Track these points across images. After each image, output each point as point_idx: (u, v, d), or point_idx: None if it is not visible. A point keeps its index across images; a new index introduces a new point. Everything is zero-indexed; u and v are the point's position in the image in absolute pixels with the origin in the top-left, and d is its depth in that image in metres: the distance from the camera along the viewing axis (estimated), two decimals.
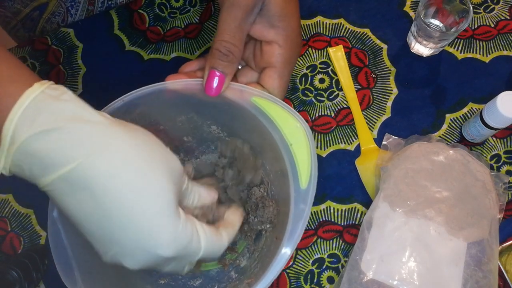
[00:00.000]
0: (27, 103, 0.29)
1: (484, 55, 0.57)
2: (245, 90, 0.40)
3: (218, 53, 0.38)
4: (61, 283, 0.37)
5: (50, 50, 0.60)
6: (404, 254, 0.47)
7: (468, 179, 0.50)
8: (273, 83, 0.41)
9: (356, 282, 0.47)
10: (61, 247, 0.37)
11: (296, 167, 0.39)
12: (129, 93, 0.39)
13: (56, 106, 0.29)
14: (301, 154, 0.39)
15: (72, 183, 0.29)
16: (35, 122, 0.29)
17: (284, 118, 0.39)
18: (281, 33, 0.40)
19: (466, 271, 0.47)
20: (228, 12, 0.38)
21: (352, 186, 0.54)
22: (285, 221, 0.38)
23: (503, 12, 0.59)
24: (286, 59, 0.41)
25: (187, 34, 0.60)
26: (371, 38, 0.59)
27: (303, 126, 0.39)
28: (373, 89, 0.57)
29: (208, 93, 0.38)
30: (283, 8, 0.39)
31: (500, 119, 0.47)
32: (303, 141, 0.39)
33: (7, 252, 0.54)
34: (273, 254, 0.38)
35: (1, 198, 0.55)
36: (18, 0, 0.55)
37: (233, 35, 0.38)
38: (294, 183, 0.39)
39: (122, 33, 0.60)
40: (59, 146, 0.29)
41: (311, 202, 0.38)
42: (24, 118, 0.29)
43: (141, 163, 0.31)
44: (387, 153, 0.54)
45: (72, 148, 0.29)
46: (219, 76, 0.38)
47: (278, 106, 0.39)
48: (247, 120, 0.41)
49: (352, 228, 0.53)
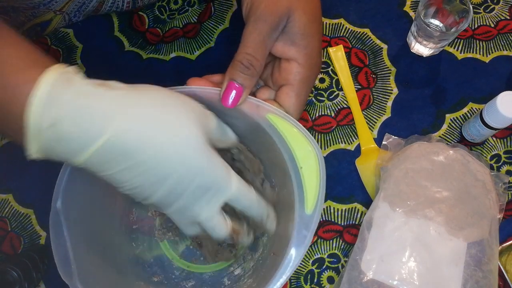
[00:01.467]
0: (47, 88, 0.29)
1: (484, 55, 0.57)
2: (262, 105, 0.39)
3: (240, 65, 0.38)
4: (61, 283, 0.37)
5: (50, 50, 0.60)
6: (404, 254, 0.47)
7: (468, 179, 0.50)
8: (290, 101, 0.40)
9: (356, 282, 0.47)
10: (61, 238, 0.38)
11: (304, 191, 0.38)
12: None
13: (75, 85, 0.30)
14: (310, 179, 0.38)
15: (108, 153, 0.30)
16: (60, 103, 0.29)
17: (297, 140, 0.39)
18: (302, 51, 0.39)
19: (466, 271, 0.47)
20: (254, 25, 0.38)
21: (352, 186, 0.54)
22: (284, 244, 0.38)
23: (503, 12, 0.59)
24: (305, 77, 0.40)
25: (186, 33, 0.60)
26: (371, 38, 0.59)
27: (315, 150, 0.38)
28: (373, 89, 0.57)
29: (224, 104, 0.38)
30: (307, 27, 0.39)
31: (500, 119, 0.47)
32: (313, 166, 0.38)
33: (7, 252, 0.54)
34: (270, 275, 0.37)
35: (1, 198, 0.55)
36: (22, 14, 0.55)
37: (257, 49, 0.38)
38: (299, 207, 0.38)
39: (122, 34, 0.60)
40: (89, 122, 0.30)
41: (314, 229, 0.37)
42: (49, 100, 0.29)
43: (166, 115, 0.33)
44: (387, 153, 0.54)
45: (102, 119, 0.30)
46: (238, 88, 0.38)
47: (292, 126, 0.39)
48: (259, 136, 0.40)
49: (352, 228, 0.53)
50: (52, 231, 0.38)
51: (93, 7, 0.57)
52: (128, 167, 0.31)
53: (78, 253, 0.38)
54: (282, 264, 0.37)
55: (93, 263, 0.40)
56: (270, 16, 0.37)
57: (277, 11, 0.37)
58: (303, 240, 0.37)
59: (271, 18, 0.37)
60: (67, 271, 0.37)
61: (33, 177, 0.56)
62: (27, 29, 0.57)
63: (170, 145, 0.32)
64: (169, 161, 0.32)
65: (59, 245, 0.38)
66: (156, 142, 0.31)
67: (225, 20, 0.60)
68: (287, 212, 0.40)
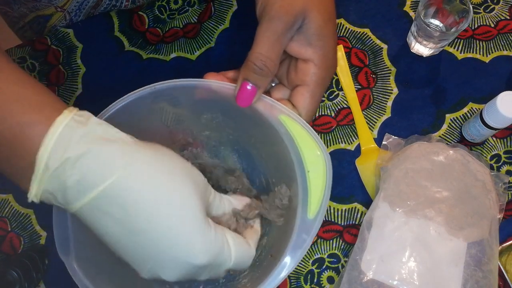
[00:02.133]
0: (60, 130, 0.29)
1: (484, 55, 0.57)
2: (275, 105, 0.39)
3: (253, 66, 0.37)
4: (61, 283, 0.37)
5: (50, 50, 0.60)
6: (404, 254, 0.47)
7: (468, 179, 0.50)
8: (304, 101, 0.40)
9: (356, 282, 0.47)
10: (62, 216, 0.37)
11: (308, 195, 0.37)
12: (161, 82, 0.39)
13: (86, 131, 0.30)
14: (316, 183, 0.38)
15: (106, 201, 0.30)
16: (68, 147, 0.29)
17: (307, 143, 0.38)
18: (318, 52, 0.39)
19: (466, 271, 0.47)
20: (267, 24, 0.37)
21: (352, 186, 0.54)
22: (282, 248, 0.38)
23: (503, 12, 0.59)
24: (320, 78, 0.40)
25: (186, 34, 0.60)
26: (371, 38, 0.59)
27: (324, 155, 0.38)
28: (373, 89, 0.57)
29: (238, 103, 0.38)
30: (323, 28, 0.38)
31: (500, 119, 0.47)
32: (321, 171, 0.38)
33: (7, 252, 0.54)
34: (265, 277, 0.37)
35: (1, 198, 0.55)
36: (24, 6, 0.55)
37: (271, 48, 0.37)
38: (302, 211, 0.37)
39: (122, 34, 0.60)
40: (92, 167, 0.29)
41: (314, 234, 0.37)
42: (57, 144, 0.29)
43: (168, 177, 0.32)
44: (387, 153, 0.54)
45: (104, 167, 0.30)
46: (251, 88, 0.37)
47: (303, 129, 0.38)
48: (269, 135, 0.40)
49: (352, 228, 0.53)
50: (55, 207, 0.37)
51: (93, 2, 0.57)
52: (119, 223, 0.31)
53: (78, 234, 0.37)
54: (277, 267, 0.37)
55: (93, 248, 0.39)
56: (285, 16, 0.36)
57: (292, 11, 0.37)
58: (302, 244, 0.37)
59: (286, 18, 0.36)
60: (65, 249, 0.37)
61: None
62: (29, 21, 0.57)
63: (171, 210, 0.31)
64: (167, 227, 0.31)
65: (60, 223, 0.37)
66: (156, 204, 0.31)
67: (225, 20, 0.60)
68: (289, 214, 0.40)
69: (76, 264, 0.37)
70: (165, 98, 0.41)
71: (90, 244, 0.39)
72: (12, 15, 0.61)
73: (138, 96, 0.39)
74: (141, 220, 0.31)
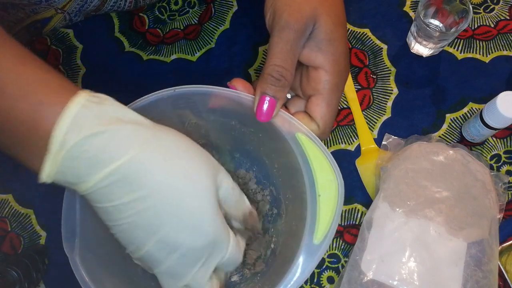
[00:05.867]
0: (76, 109, 0.29)
1: (484, 55, 0.57)
2: (293, 123, 0.38)
3: (270, 78, 0.37)
4: (61, 284, 0.37)
5: (50, 50, 0.60)
6: (404, 254, 0.47)
7: (468, 179, 0.50)
8: (321, 111, 0.39)
9: (356, 282, 0.47)
10: (72, 209, 0.37)
11: (316, 219, 0.37)
12: (181, 86, 0.39)
13: (101, 111, 0.30)
14: (325, 209, 0.37)
15: (120, 179, 0.30)
16: (83, 126, 0.29)
17: (321, 166, 0.37)
18: (329, 58, 0.38)
19: (466, 271, 0.47)
20: (279, 35, 0.36)
21: (352, 186, 0.54)
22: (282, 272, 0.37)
23: (503, 12, 0.59)
24: (334, 85, 0.39)
25: (187, 35, 0.60)
26: (371, 38, 0.59)
27: (338, 180, 0.37)
28: (373, 89, 0.57)
29: (258, 118, 0.37)
30: (333, 32, 0.38)
31: (500, 119, 0.47)
32: (332, 197, 0.37)
33: (7, 252, 0.54)
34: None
35: (1, 198, 0.55)
36: (21, 11, 0.55)
37: (285, 58, 0.37)
38: (308, 234, 0.37)
39: (122, 35, 0.60)
40: (107, 145, 0.30)
41: (318, 260, 0.36)
42: (73, 124, 0.29)
43: (184, 160, 0.32)
44: (387, 153, 0.54)
45: (120, 146, 0.30)
46: (270, 100, 0.37)
47: (320, 151, 0.37)
48: (282, 151, 0.40)
49: (352, 228, 0.53)
50: (65, 201, 0.37)
51: (94, 6, 0.57)
52: (133, 199, 0.31)
53: (85, 229, 0.37)
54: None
55: (98, 245, 0.39)
56: (295, 24, 0.36)
57: (302, 18, 0.36)
58: (304, 270, 0.36)
59: (296, 26, 0.36)
60: (71, 244, 0.37)
61: (33, 177, 0.55)
62: (26, 26, 0.57)
63: (184, 189, 0.31)
64: (177, 204, 0.31)
65: (68, 217, 0.37)
66: (170, 181, 0.31)
67: (226, 21, 0.60)
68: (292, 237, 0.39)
69: (79, 260, 0.37)
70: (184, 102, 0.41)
71: (96, 243, 0.39)
72: (8, 19, 0.61)
73: (157, 98, 0.39)
74: (154, 195, 0.31)
